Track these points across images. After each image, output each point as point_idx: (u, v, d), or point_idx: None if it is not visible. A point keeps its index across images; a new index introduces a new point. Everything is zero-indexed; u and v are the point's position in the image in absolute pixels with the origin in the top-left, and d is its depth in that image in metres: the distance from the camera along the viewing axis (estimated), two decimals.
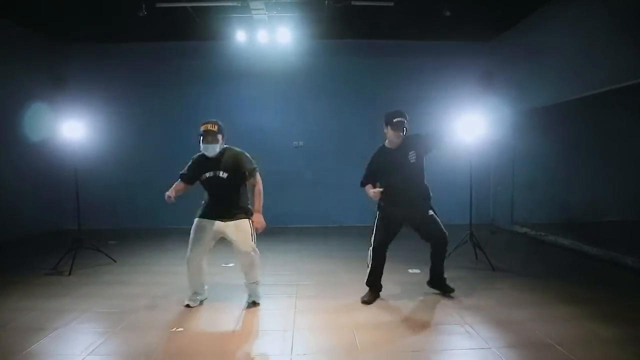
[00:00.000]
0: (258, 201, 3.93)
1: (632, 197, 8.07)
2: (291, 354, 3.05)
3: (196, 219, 3.95)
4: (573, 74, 6.45)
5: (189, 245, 3.89)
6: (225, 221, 3.85)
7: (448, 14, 6.89)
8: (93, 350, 3.10)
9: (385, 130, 4.07)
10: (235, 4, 6.80)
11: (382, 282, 4.29)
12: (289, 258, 5.97)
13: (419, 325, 3.56)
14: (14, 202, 7.25)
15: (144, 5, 6.68)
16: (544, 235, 7.14)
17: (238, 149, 4.02)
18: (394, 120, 3.95)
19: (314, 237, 7.56)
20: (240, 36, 7.62)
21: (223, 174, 3.88)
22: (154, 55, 8.68)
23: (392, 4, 6.80)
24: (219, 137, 3.87)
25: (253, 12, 7.04)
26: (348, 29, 8.14)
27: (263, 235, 7.34)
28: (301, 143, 8.88)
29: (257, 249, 3.94)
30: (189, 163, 4.04)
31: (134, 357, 3.03)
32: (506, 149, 8.26)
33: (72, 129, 5.38)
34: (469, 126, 5.53)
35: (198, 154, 3.99)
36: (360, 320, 3.65)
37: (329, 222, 8.77)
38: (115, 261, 5.69)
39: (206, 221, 3.89)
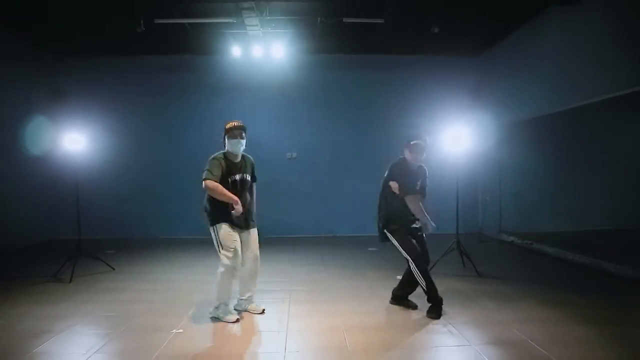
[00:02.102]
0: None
1: (616, 206, 8.35)
2: (285, 352, 3.24)
3: (226, 225, 3.84)
4: (554, 89, 6.78)
5: (229, 254, 3.79)
6: (244, 230, 4.00)
7: (436, 31, 7.17)
8: (98, 349, 3.28)
9: (406, 153, 4.19)
10: (231, 20, 7.07)
11: (372, 289, 4.55)
12: (283, 267, 6.15)
13: (406, 326, 3.77)
14: (13, 213, 7.42)
15: (142, 22, 6.92)
16: (529, 243, 7.38)
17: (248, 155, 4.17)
18: (412, 143, 4.08)
19: (307, 247, 7.74)
20: (235, 51, 7.90)
21: (248, 177, 4.03)
22: (152, 69, 8.92)
23: (382, 21, 7.10)
24: (244, 134, 3.93)
25: (248, 28, 7.30)
26: (340, 45, 8.45)
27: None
28: (294, 154, 9.11)
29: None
30: (213, 163, 3.82)
31: (137, 356, 3.20)
32: (493, 161, 8.54)
33: (73, 141, 5.58)
34: (456, 138, 5.80)
35: (215, 155, 3.89)
36: (350, 324, 3.83)
37: (322, 232, 8.98)
38: (113, 269, 5.86)
39: (236, 229, 3.90)
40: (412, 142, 4.08)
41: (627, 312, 4.09)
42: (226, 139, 3.93)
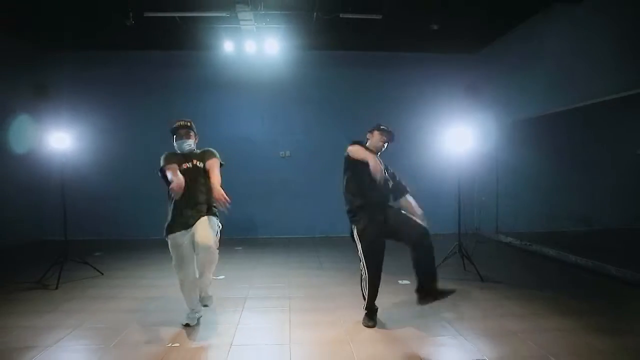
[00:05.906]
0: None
1: (613, 206, 8.30)
2: None
3: (169, 238, 3.75)
4: (555, 88, 6.66)
5: (175, 268, 3.70)
6: (194, 223, 3.66)
7: (435, 27, 6.96)
8: None
9: (369, 136, 4.09)
10: (223, 14, 6.79)
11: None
12: (279, 270, 5.94)
13: (413, 337, 3.57)
14: None
15: (131, 14, 6.62)
16: (528, 244, 7.26)
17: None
18: (382, 127, 4.06)
19: (302, 249, 7.53)
20: (228, 46, 7.62)
21: (200, 164, 3.84)
22: (141, 65, 8.62)
23: (379, 17, 6.89)
24: (192, 133, 3.91)
25: (241, 22, 7.04)
26: (336, 41, 8.19)
27: (250, 248, 7.43)
28: (288, 153, 8.89)
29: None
30: (164, 157, 3.91)
31: None
32: (490, 160, 8.40)
33: (59, 140, 5.29)
34: (458, 138, 5.65)
35: (166, 152, 3.95)
36: (356, 334, 3.65)
37: (316, 233, 8.78)
38: (102, 274, 5.59)
39: (178, 235, 3.68)
40: (382, 127, 4.05)
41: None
42: (174, 137, 3.93)
